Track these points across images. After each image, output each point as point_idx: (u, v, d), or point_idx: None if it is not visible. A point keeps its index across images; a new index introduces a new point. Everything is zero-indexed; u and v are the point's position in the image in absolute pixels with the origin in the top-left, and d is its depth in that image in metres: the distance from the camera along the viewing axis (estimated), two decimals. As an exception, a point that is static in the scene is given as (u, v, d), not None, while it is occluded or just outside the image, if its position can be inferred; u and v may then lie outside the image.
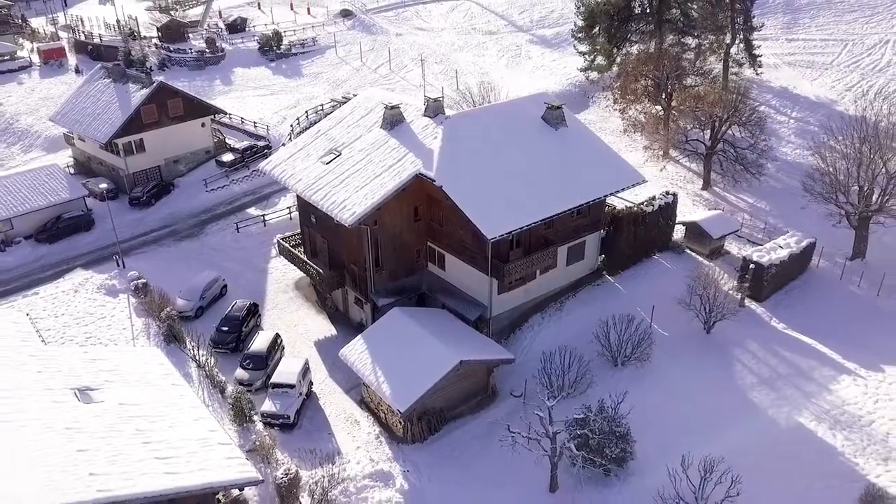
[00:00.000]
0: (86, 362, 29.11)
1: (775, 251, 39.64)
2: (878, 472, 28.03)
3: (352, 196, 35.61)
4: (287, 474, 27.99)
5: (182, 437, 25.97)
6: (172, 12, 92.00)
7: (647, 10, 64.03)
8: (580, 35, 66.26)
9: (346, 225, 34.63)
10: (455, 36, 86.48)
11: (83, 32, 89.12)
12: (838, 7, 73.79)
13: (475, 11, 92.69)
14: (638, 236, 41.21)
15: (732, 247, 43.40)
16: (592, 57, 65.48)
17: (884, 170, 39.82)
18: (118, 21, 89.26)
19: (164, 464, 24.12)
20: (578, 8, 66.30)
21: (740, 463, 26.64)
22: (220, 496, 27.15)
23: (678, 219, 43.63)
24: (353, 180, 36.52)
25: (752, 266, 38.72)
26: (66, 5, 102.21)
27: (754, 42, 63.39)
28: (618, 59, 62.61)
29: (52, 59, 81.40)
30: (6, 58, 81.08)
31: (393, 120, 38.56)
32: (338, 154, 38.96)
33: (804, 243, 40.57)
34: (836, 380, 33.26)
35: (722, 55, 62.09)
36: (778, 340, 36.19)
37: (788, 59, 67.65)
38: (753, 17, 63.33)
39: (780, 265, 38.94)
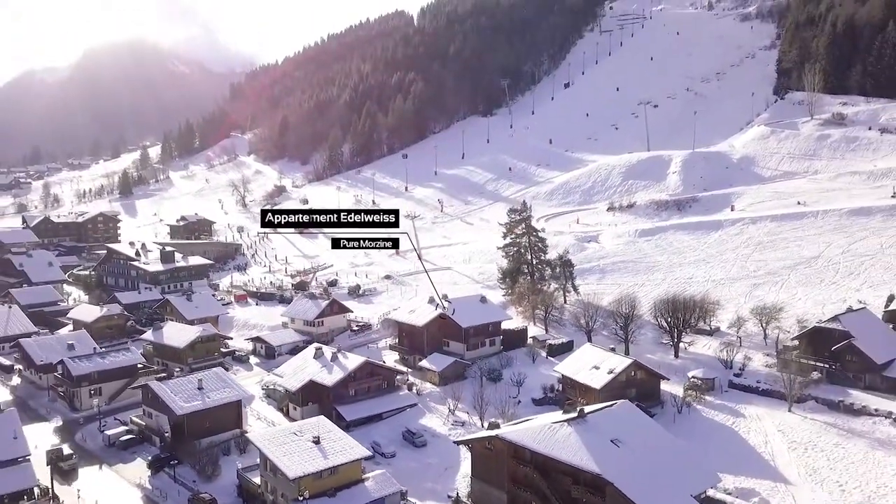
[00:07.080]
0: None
1: (557, 340, 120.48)
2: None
3: (419, 317, 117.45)
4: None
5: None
6: (300, 276, 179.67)
7: (528, 271, 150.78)
8: (500, 281, 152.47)
9: (419, 325, 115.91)
10: (447, 287, 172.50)
11: (253, 286, 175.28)
12: (623, 271, 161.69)
13: (456, 277, 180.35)
14: (513, 339, 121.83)
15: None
16: (506, 289, 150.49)
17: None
18: (270, 282, 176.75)
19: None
20: (500, 271, 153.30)
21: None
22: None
23: (529, 335, 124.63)
24: (419, 314, 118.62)
25: (539, 339, 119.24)
26: (233, 278, 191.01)
27: (577, 283, 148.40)
28: (516, 288, 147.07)
29: (242, 300, 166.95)
30: (221, 299, 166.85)
31: (431, 300, 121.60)
32: (414, 311, 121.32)
33: (567, 340, 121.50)
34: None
35: (561, 288, 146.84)
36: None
37: (597, 291, 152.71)
38: (574, 274, 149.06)
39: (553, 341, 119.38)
